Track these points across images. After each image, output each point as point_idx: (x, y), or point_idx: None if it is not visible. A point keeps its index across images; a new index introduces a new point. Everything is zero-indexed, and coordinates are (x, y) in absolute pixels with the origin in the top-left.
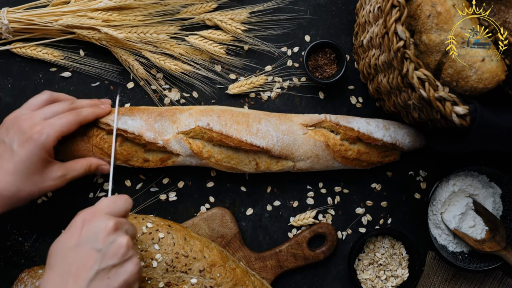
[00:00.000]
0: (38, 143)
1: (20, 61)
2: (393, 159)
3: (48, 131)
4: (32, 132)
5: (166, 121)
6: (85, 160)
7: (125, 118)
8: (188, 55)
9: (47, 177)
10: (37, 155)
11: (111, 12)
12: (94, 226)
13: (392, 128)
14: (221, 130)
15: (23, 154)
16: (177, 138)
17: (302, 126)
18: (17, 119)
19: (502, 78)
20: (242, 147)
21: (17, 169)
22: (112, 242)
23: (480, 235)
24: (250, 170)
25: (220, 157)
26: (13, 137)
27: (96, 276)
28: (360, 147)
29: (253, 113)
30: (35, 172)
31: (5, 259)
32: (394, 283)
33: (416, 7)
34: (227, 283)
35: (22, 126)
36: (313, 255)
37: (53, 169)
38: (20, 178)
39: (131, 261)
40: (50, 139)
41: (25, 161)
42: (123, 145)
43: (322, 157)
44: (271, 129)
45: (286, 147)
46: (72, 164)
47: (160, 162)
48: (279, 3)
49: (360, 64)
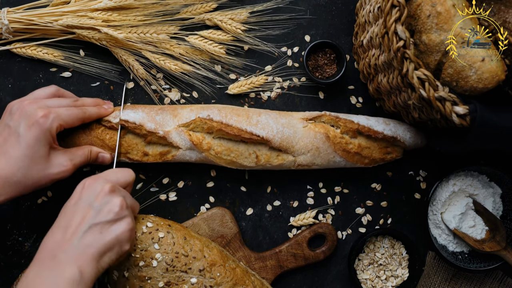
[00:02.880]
0: (44, 128)
1: (20, 61)
2: (395, 156)
3: (53, 117)
4: (37, 117)
5: (167, 114)
6: (86, 147)
7: (127, 111)
8: (188, 55)
9: (53, 162)
10: (43, 139)
11: (111, 12)
12: (92, 187)
13: (392, 123)
14: (221, 120)
15: (30, 138)
16: (178, 131)
17: (302, 120)
18: (21, 103)
19: (502, 78)
20: (242, 136)
21: (24, 154)
22: (107, 202)
23: (480, 235)
24: (250, 164)
25: (219, 149)
26: (19, 120)
27: (90, 229)
28: (361, 141)
29: (253, 109)
30: (42, 157)
31: (5, 259)
32: (394, 283)
33: (416, 7)
34: (227, 283)
35: (27, 110)
36: (313, 255)
37: (58, 155)
38: (28, 163)
39: (124, 220)
40: (54, 125)
41: (31, 146)
42: (124, 137)
43: (322, 150)
44: (271, 121)
45: (286, 139)
46: (75, 150)
47: (159, 156)
48: (279, 3)
49: (360, 64)
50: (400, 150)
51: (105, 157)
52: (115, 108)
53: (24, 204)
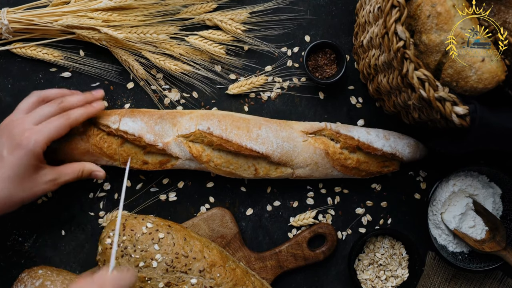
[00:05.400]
0: (27, 150)
1: (20, 61)
2: (392, 169)
3: (35, 138)
4: (21, 139)
5: (166, 123)
6: (78, 164)
7: (126, 119)
8: (188, 55)
9: (38, 181)
10: (26, 161)
11: (111, 12)
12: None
13: (392, 138)
14: (221, 135)
15: (13, 160)
16: (177, 141)
17: (302, 134)
18: (8, 125)
19: (502, 78)
20: (242, 152)
21: (8, 175)
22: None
23: (480, 235)
24: (249, 176)
25: (219, 162)
26: (4, 143)
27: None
28: (360, 156)
29: (254, 119)
30: (26, 178)
31: (5, 259)
32: (394, 283)
33: (416, 7)
34: (227, 283)
35: (13, 132)
36: (313, 255)
37: (44, 174)
38: (11, 184)
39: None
40: (38, 145)
41: (15, 168)
42: (122, 147)
43: (321, 165)
44: (271, 135)
45: (285, 153)
46: (64, 169)
47: (159, 165)
48: (279, 3)
49: (360, 64)
50: (398, 164)
51: (99, 175)
52: (113, 111)
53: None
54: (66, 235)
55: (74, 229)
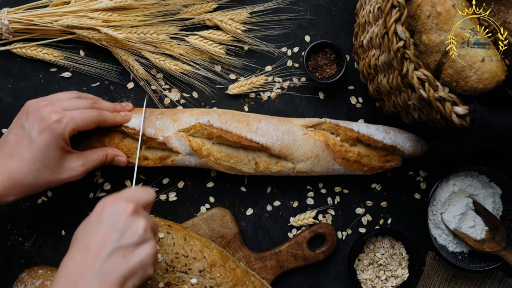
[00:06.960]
0: (56, 133)
1: (20, 61)
2: (394, 164)
3: (66, 121)
4: (51, 121)
5: (167, 119)
6: (102, 150)
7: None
8: (188, 56)
9: (65, 167)
10: (55, 145)
11: (111, 13)
12: (114, 207)
13: (392, 132)
14: (221, 126)
15: (41, 143)
16: (178, 136)
17: (302, 127)
18: (37, 104)
19: (502, 78)
20: (242, 142)
21: (36, 158)
22: (131, 224)
23: (480, 235)
24: (249, 170)
25: (219, 156)
26: (33, 123)
27: (112, 253)
28: (361, 149)
29: (254, 115)
30: (54, 161)
31: (5, 259)
32: (394, 283)
33: (416, 7)
34: (227, 283)
35: (42, 112)
36: (313, 255)
37: (71, 159)
38: (38, 167)
39: (148, 243)
40: (67, 130)
41: (43, 150)
42: (123, 141)
43: (322, 157)
44: (271, 128)
45: (285, 146)
46: (89, 154)
47: (159, 160)
48: (279, 3)
49: (360, 64)
50: (400, 159)
51: (121, 160)
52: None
53: (24, 204)
54: (66, 235)
55: (74, 229)
